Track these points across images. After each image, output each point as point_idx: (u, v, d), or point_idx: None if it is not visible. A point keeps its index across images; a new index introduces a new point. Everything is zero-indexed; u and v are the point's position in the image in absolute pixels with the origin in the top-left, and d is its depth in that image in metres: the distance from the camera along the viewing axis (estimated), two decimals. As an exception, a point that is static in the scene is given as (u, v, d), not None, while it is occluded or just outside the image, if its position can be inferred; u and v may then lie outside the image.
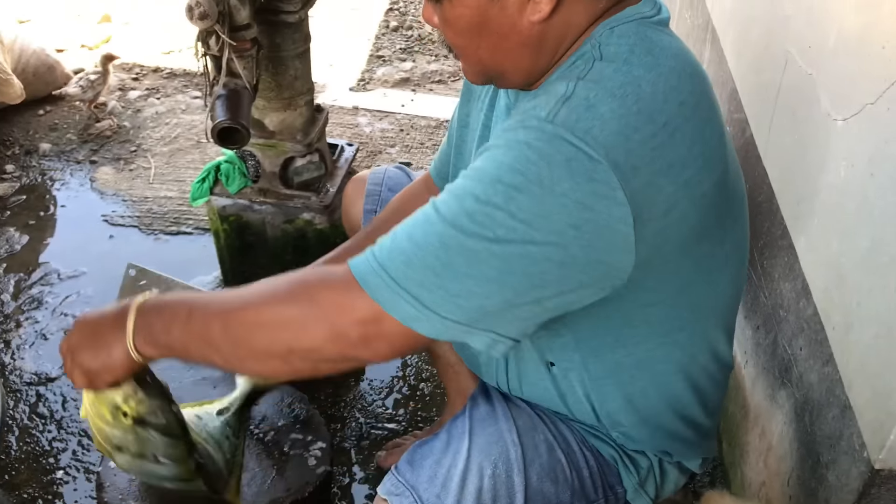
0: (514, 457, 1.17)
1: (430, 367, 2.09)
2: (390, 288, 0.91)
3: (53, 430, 1.90)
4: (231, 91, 1.63)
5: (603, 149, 0.87)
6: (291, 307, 0.98)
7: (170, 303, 1.07)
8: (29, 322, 2.19)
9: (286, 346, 0.98)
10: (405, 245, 0.92)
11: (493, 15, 0.97)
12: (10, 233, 2.49)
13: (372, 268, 0.92)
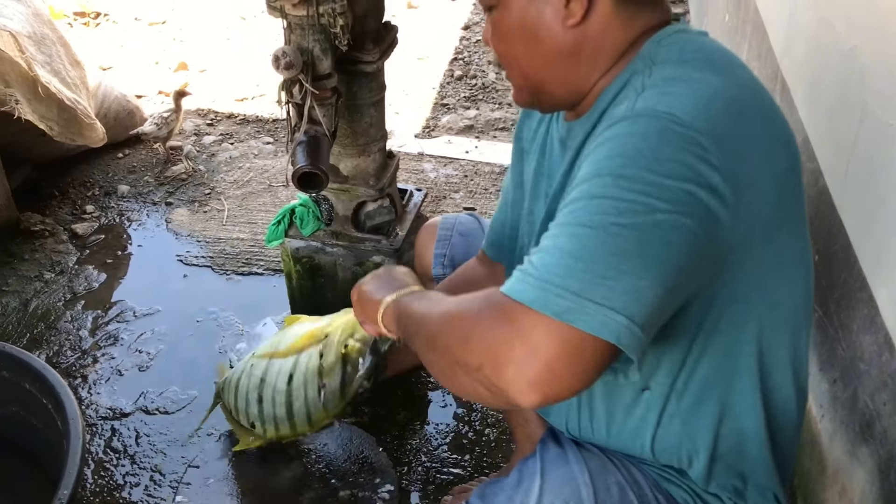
0: (585, 496, 1.17)
1: (494, 412, 2.09)
2: (539, 287, 0.88)
3: (127, 465, 1.95)
4: (311, 137, 1.68)
5: (688, 117, 0.92)
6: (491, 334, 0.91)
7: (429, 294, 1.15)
8: (105, 358, 2.26)
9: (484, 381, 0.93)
10: (550, 247, 0.90)
11: (531, 19, 1.06)
12: (89, 270, 2.59)
13: (525, 281, 0.89)
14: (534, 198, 1.30)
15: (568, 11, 1.04)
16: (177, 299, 2.47)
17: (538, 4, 1.05)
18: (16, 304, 2.44)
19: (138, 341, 2.31)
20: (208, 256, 2.65)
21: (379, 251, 2.05)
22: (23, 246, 2.65)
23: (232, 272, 2.59)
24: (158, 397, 2.13)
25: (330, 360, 1.61)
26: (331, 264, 2.09)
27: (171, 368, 2.23)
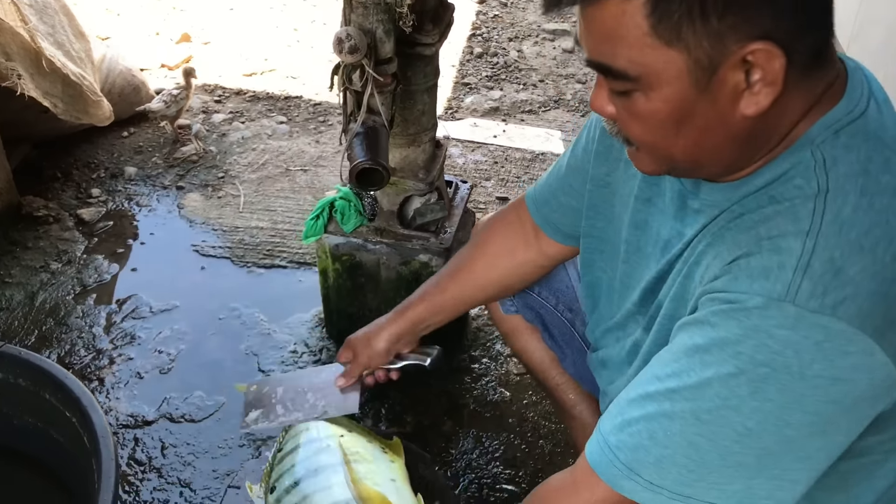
0: None
1: (547, 422, 1.96)
2: (647, 489, 0.89)
3: (153, 479, 1.79)
4: (370, 129, 1.52)
5: (858, 319, 0.80)
6: None
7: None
8: (122, 359, 2.09)
9: None
10: (648, 444, 0.89)
11: (701, 109, 0.84)
12: (99, 261, 2.40)
13: (620, 472, 0.91)
14: (631, 217, 1.14)
15: (750, 100, 0.82)
16: (195, 294, 2.30)
17: (706, 90, 0.82)
18: (21, 297, 2.26)
19: (157, 340, 2.14)
20: (226, 247, 2.48)
21: (427, 250, 1.89)
22: (25, 233, 2.46)
23: (253, 264, 2.42)
24: (183, 403, 1.97)
25: None
26: (373, 263, 1.93)
27: (194, 371, 2.06)
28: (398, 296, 1.96)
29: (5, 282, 2.29)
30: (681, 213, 1.00)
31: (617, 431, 0.91)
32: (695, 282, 0.93)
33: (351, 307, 2.03)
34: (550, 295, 1.49)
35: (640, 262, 1.09)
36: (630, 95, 0.85)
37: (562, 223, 1.31)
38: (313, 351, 2.12)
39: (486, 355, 2.14)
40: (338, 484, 1.45)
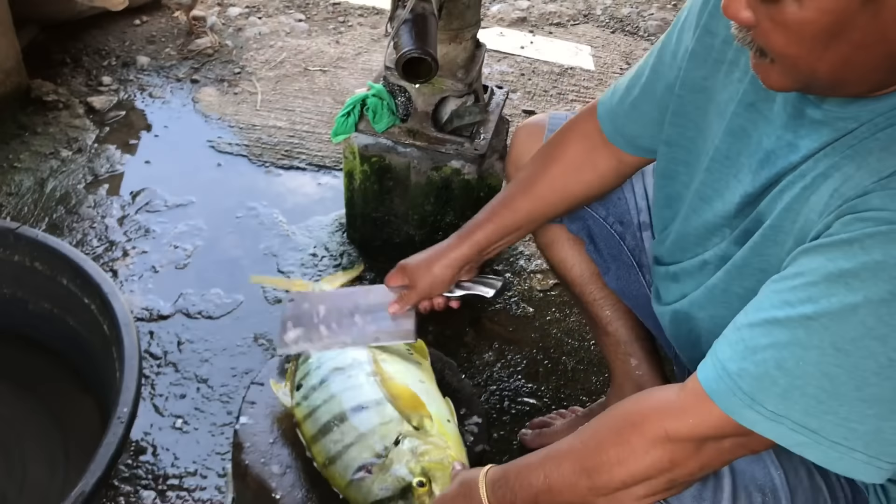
0: (778, 483, 1.01)
1: (571, 339, 1.92)
2: (770, 419, 0.83)
3: (170, 374, 1.75)
4: (419, 16, 1.42)
5: None
6: (654, 452, 0.91)
7: (519, 477, 1.03)
8: (136, 252, 2.02)
9: (665, 482, 0.93)
10: (775, 374, 0.82)
11: (860, 23, 0.75)
12: (111, 151, 2.32)
13: (741, 401, 0.84)
14: (729, 124, 1.04)
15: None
16: (211, 190, 2.23)
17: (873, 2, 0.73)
18: (30, 183, 2.17)
19: (172, 235, 2.08)
20: (243, 144, 2.39)
21: (461, 155, 1.82)
22: (34, 118, 2.36)
23: (271, 164, 2.34)
24: (200, 300, 1.91)
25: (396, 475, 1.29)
26: (403, 166, 1.85)
27: (211, 268, 2.00)
28: (426, 202, 1.90)
29: (14, 166, 2.21)
30: (795, 122, 0.91)
31: (739, 359, 0.84)
32: (821, 198, 0.85)
33: (376, 212, 1.96)
34: (601, 206, 1.42)
35: (729, 172, 1.00)
36: (779, 1, 0.77)
37: (640, 136, 1.22)
38: (333, 255, 2.06)
39: (510, 270, 2.09)
40: (367, 382, 1.42)
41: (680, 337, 1.17)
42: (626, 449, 0.93)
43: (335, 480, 1.33)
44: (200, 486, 1.54)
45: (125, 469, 1.55)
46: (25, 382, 1.64)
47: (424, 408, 1.35)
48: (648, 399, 0.96)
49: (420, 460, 1.27)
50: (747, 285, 0.97)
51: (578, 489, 0.97)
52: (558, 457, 1.00)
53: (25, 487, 1.48)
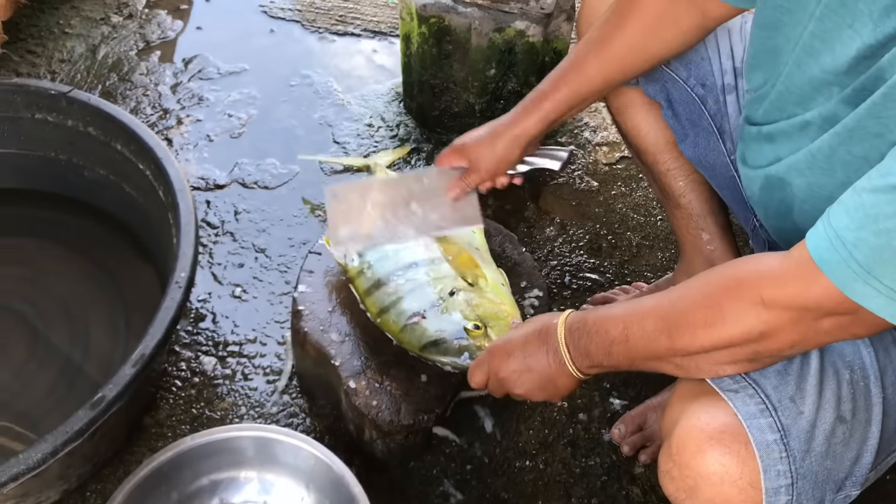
0: (868, 361, 0.95)
1: (637, 214, 1.85)
2: (886, 295, 0.76)
3: (227, 242, 1.74)
4: None
5: None
6: (745, 318, 0.85)
7: (598, 324, 1.00)
8: (190, 120, 1.98)
9: (750, 352, 0.87)
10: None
11: None
12: (162, 16, 2.24)
13: (855, 273, 0.77)
14: None
15: None
16: (264, 57, 2.15)
17: None
18: (82, 49, 2.13)
19: (226, 103, 2.02)
20: (296, 9, 2.29)
21: (525, 15, 1.70)
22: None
23: (325, 30, 2.24)
24: (255, 170, 1.88)
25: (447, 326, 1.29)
26: (464, 28, 1.74)
27: (266, 138, 1.95)
28: (488, 67, 1.80)
29: (66, 32, 2.16)
30: None
31: (857, 227, 0.76)
32: None
33: (434, 78, 1.87)
34: (682, 67, 1.30)
35: (843, 21, 0.88)
36: None
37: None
38: (390, 126, 1.99)
39: (574, 142, 1.99)
40: (423, 244, 1.39)
41: (770, 205, 1.08)
42: (715, 312, 0.87)
43: (388, 327, 1.34)
44: (260, 353, 1.54)
45: (185, 335, 1.56)
46: (85, 248, 1.65)
47: (479, 268, 1.34)
48: (747, 264, 0.88)
49: (475, 310, 1.28)
50: (857, 151, 0.87)
51: (657, 346, 0.93)
52: (642, 311, 0.95)
53: (90, 351, 1.50)
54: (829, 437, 0.89)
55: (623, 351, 0.96)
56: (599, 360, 1.00)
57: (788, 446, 0.87)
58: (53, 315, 1.54)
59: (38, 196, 1.69)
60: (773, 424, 0.87)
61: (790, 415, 0.88)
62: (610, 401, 1.51)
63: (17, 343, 1.50)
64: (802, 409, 0.89)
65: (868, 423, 0.92)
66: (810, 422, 0.89)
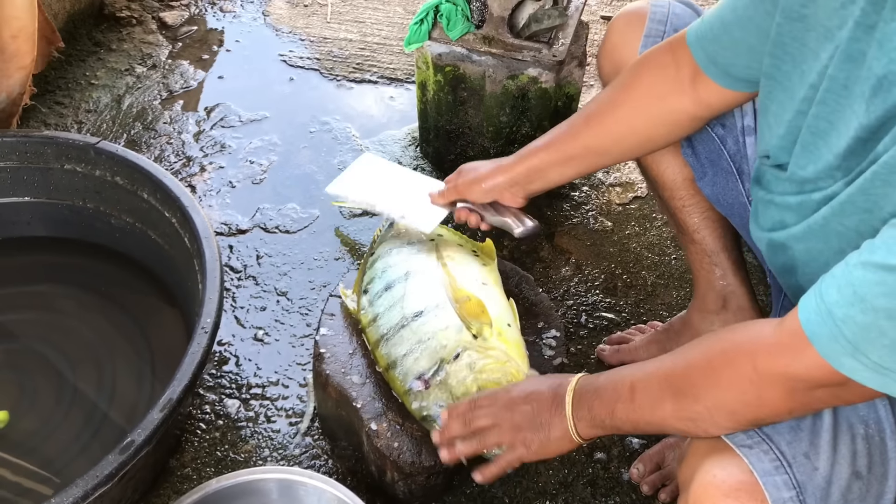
0: (883, 414, 0.96)
1: (651, 253, 1.87)
2: (872, 370, 0.79)
3: (250, 286, 1.77)
4: (496, -88, 1.34)
5: None
6: (740, 385, 0.89)
7: (607, 384, 1.04)
8: (213, 167, 2.04)
9: (751, 417, 0.91)
10: (885, 325, 0.77)
11: None
12: (185, 66, 2.31)
13: (843, 348, 0.80)
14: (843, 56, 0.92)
15: None
16: (285, 105, 2.21)
17: None
18: (108, 99, 2.19)
19: (248, 150, 2.08)
20: (314, 58, 2.36)
21: (538, 63, 1.75)
22: (109, 35, 2.37)
23: (342, 78, 2.30)
24: (277, 214, 1.92)
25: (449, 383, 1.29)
26: (478, 76, 1.79)
27: (286, 183, 2.00)
28: (502, 113, 1.84)
29: (91, 83, 2.23)
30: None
31: (846, 304, 0.79)
32: None
33: (450, 124, 1.92)
34: None
35: (844, 103, 0.90)
36: None
37: (733, 64, 1.13)
38: (407, 169, 2.03)
39: (587, 183, 2.03)
40: (431, 286, 1.41)
41: (776, 264, 1.11)
42: (713, 378, 0.90)
43: (395, 385, 1.35)
44: (283, 396, 1.57)
45: (209, 378, 1.59)
46: (112, 294, 1.68)
47: (486, 315, 1.34)
48: (743, 331, 0.92)
49: (478, 378, 1.27)
50: (848, 224, 0.90)
51: (661, 408, 0.96)
52: (647, 372, 0.99)
53: (116, 396, 1.53)
54: (844, 494, 0.89)
55: (627, 412, 1.00)
56: (601, 419, 1.03)
57: (805, 501, 0.87)
58: (80, 360, 1.58)
59: (66, 243, 1.74)
60: (789, 482, 0.88)
61: (805, 471, 0.89)
62: (628, 439, 1.52)
63: (45, 388, 1.54)
64: (817, 465, 0.89)
65: (885, 478, 0.92)
66: (826, 478, 0.89)
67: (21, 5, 1.67)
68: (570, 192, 2.00)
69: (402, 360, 1.34)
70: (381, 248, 1.55)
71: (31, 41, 1.74)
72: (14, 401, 1.49)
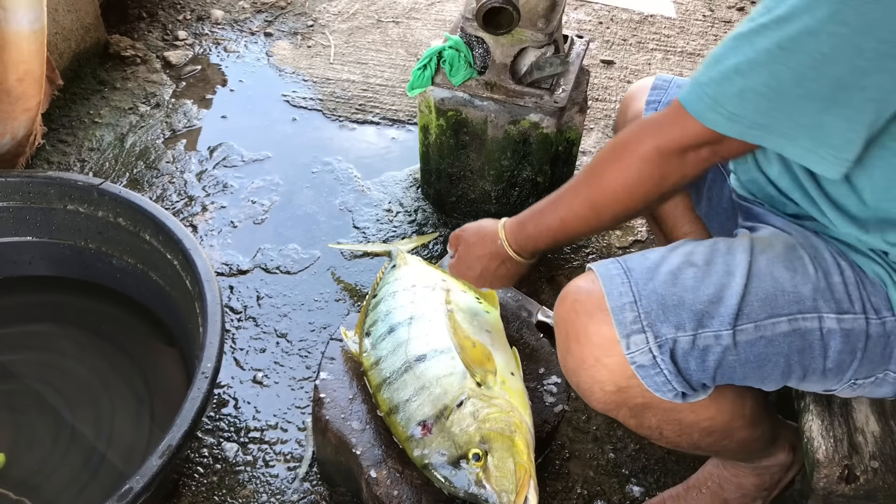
0: (739, 243, 1.08)
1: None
2: (730, 119, 0.94)
3: (250, 328, 1.77)
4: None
5: None
6: (641, 169, 1.05)
7: (537, 223, 1.23)
8: (215, 207, 2.04)
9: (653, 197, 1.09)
10: (733, 76, 0.93)
11: None
12: (188, 106, 2.33)
13: (706, 105, 0.96)
14: None
15: None
16: (287, 145, 2.23)
17: None
18: (111, 138, 2.21)
19: (250, 190, 2.09)
20: (317, 99, 2.38)
21: (540, 109, 1.76)
22: (113, 73, 2.39)
23: (345, 119, 2.32)
24: (278, 255, 1.93)
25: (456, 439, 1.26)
26: (480, 120, 1.81)
27: (288, 223, 2.01)
28: (503, 157, 1.86)
29: (95, 122, 2.25)
30: None
31: (706, 68, 0.96)
32: None
33: (452, 167, 1.93)
34: None
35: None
36: None
37: None
38: (408, 211, 2.04)
39: (587, 226, 2.04)
40: (434, 331, 1.41)
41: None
42: (622, 167, 1.07)
43: (396, 431, 1.34)
44: (281, 440, 1.56)
45: (208, 421, 1.58)
46: (112, 335, 1.68)
47: (491, 362, 1.34)
48: (640, 124, 1.07)
49: (481, 427, 1.25)
50: None
51: (588, 221, 1.15)
52: (567, 198, 1.17)
53: (113, 439, 1.52)
54: (674, 272, 1.02)
55: (564, 234, 1.19)
56: (529, 224, 1.23)
57: (630, 276, 1.03)
58: (78, 401, 1.57)
59: (67, 283, 1.74)
60: (619, 266, 1.05)
61: (636, 260, 1.06)
62: (629, 487, 1.51)
63: (43, 429, 1.53)
64: (649, 256, 1.06)
65: (728, 275, 1.02)
66: (654, 262, 1.04)
67: (28, 49, 1.68)
68: (571, 235, 2.01)
69: (404, 405, 1.33)
70: (383, 290, 1.55)
71: (38, 84, 1.76)
72: (11, 442, 1.49)
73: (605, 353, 1.03)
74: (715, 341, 1.01)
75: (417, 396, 1.32)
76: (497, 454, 1.23)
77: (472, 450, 1.23)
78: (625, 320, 1.01)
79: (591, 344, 1.04)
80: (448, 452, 1.26)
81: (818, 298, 1.02)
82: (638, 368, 1.03)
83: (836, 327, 1.03)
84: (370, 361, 1.42)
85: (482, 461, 1.23)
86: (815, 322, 1.02)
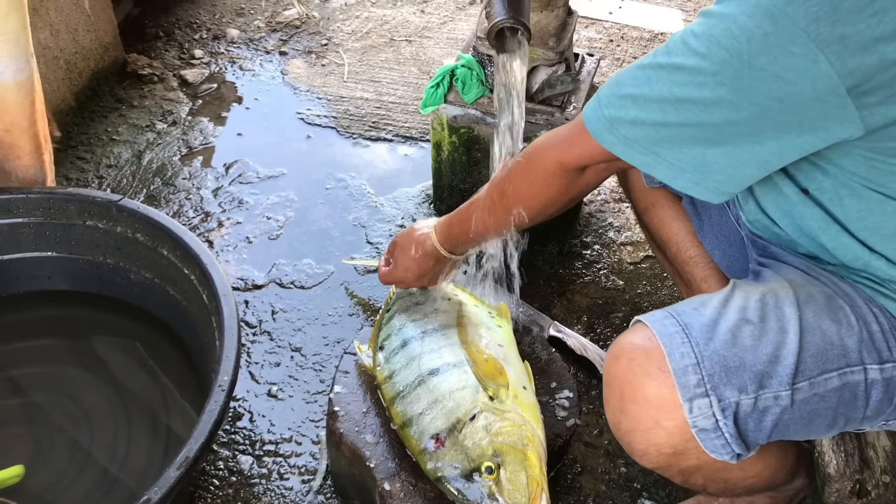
0: (784, 294, 1.05)
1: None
2: (624, 143, 1.01)
3: (265, 342, 1.79)
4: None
5: (804, 20, 0.84)
6: (549, 183, 1.17)
7: (461, 227, 1.37)
8: (231, 223, 2.07)
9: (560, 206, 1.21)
10: (629, 104, 0.98)
11: None
12: (204, 123, 2.37)
13: (604, 126, 1.02)
14: None
15: None
16: (302, 162, 2.26)
17: None
18: (128, 155, 2.24)
19: (265, 206, 2.12)
20: (331, 116, 2.41)
21: (551, 125, 1.79)
22: (130, 91, 2.43)
23: (359, 136, 2.35)
24: (292, 270, 1.95)
25: (469, 452, 1.27)
26: (491, 138, 1.83)
27: (302, 239, 2.04)
28: (516, 173, 1.87)
29: (113, 139, 2.28)
30: None
31: (608, 89, 1.02)
32: None
33: (464, 183, 1.95)
34: None
35: None
36: None
37: None
38: (421, 226, 2.06)
39: (599, 241, 2.05)
40: (447, 345, 1.43)
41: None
42: (530, 179, 1.17)
43: (410, 444, 1.35)
44: (296, 453, 1.58)
45: (223, 434, 1.60)
46: (129, 347, 1.71)
47: (503, 376, 1.35)
48: (550, 137, 1.16)
49: (493, 441, 1.26)
50: None
51: (507, 224, 1.24)
52: (486, 203, 1.28)
53: (130, 452, 1.54)
54: (733, 331, 1.00)
55: (484, 237, 1.31)
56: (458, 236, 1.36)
57: (690, 335, 1.00)
58: (96, 414, 1.59)
59: (86, 298, 1.77)
60: (676, 323, 1.02)
61: (692, 315, 1.02)
62: (640, 502, 1.52)
63: (61, 442, 1.55)
64: (704, 312, 1.03)
65: (783, 332, 1.00)
66: (712, 318, 1.01)
67: (12, 101, 1.65)
68: (582, 251, 2.02)
69: (417, 418, 1.35)
70: (396, 304, 1.57)
71: (27, 136, 1.70)
72: (30, 455, 1.50)
73: (665, 416, 1.01)
74: (774, 402, 0.99)
75: (430, 410, 1.34)
76: (509, 467, 1.24)
77: (485, 463, 1.24)
78: (688, 383, 0.98)
79: (651, 406, 1.01)
80: (461, 465, 1.27)
81: (863, 350, 1.02)
82: (699, 432, 1.00)
83: (879, 377, 1.02)
84: (384, 375, 1.44)
85: (495, 474, 1.24)
86: (860, 374, 1.02)
